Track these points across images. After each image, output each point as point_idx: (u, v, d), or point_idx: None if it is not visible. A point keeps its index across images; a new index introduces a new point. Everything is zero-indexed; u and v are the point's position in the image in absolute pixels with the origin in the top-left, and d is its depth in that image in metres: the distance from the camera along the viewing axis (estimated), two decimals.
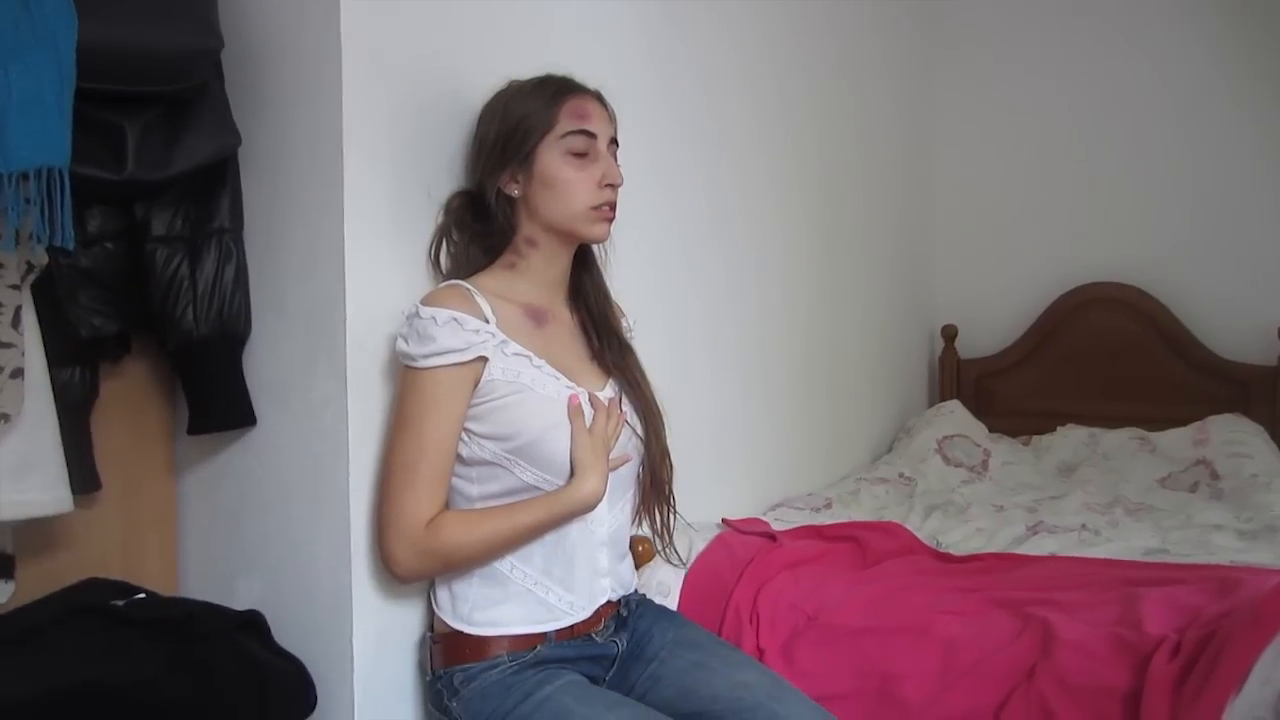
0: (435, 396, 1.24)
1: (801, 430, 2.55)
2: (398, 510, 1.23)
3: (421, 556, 1.24)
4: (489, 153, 1.34)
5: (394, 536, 1.24)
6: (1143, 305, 3.17)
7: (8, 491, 1.14)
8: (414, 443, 1.24)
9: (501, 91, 1.36)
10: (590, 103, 1.34)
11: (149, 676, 1.14)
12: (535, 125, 1.30)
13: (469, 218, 1.39)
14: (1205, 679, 1.20)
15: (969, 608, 1.53)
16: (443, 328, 1.23)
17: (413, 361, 1.24)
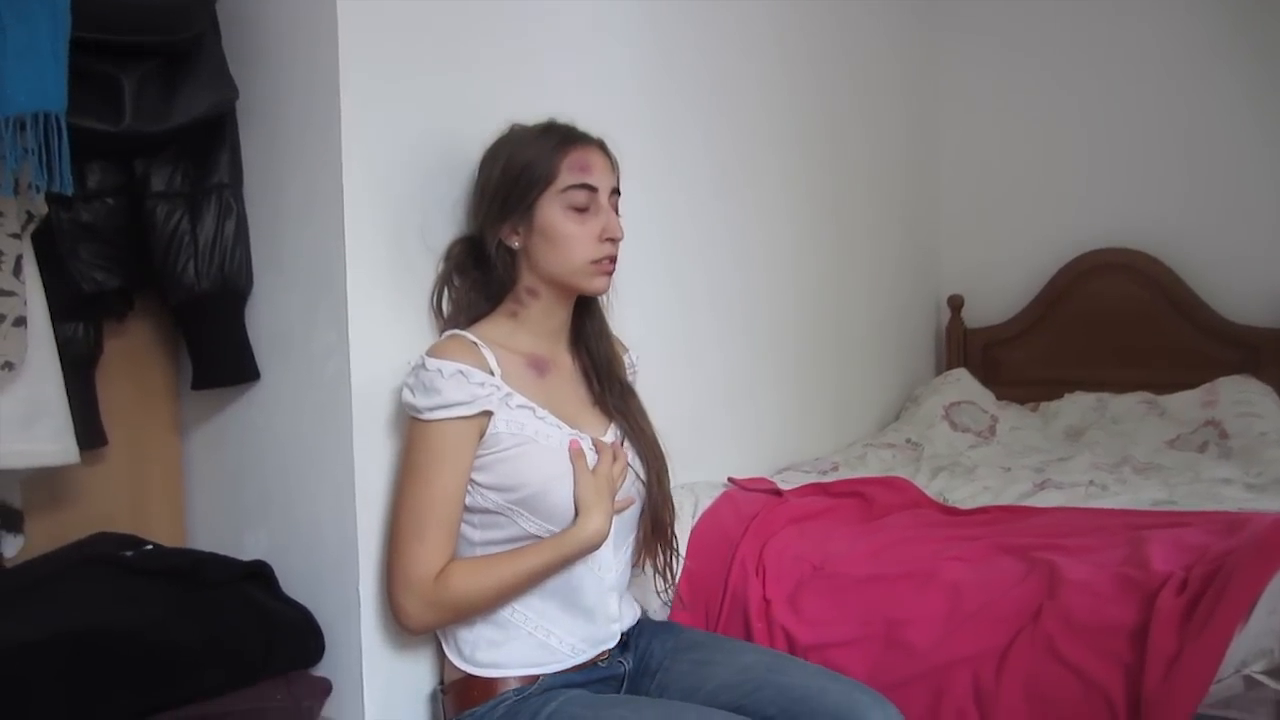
0: (442, 449, 1.23)
1: (807, 398, 2.55)
2: (407, 563, 1.23)
3: (432, 609, 1.23)
4: (490, 202, 1.33)
5: (404, 590, 1.23)
6: (1150, 270, 3.14)
7: (15, 441, 1.16)
8: (422, 495, 1.23)
9: (505, 137, 1.35)
10: (592, 154, 1.33)
11: (157, 622, 1.15)
12: (536, 178, 1.29)
13: (470, 264, 1.39)
14: (1212, 610, 1.19)
15: (974, 554, 1.53)
16: (449, 380, 1.22)
17: (419, 414, 1.24)
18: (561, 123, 1.35)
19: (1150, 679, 1.19)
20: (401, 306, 1.36)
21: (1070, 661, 1.27)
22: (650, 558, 1.42)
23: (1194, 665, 1.17)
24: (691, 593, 1.61)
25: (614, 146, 1.37)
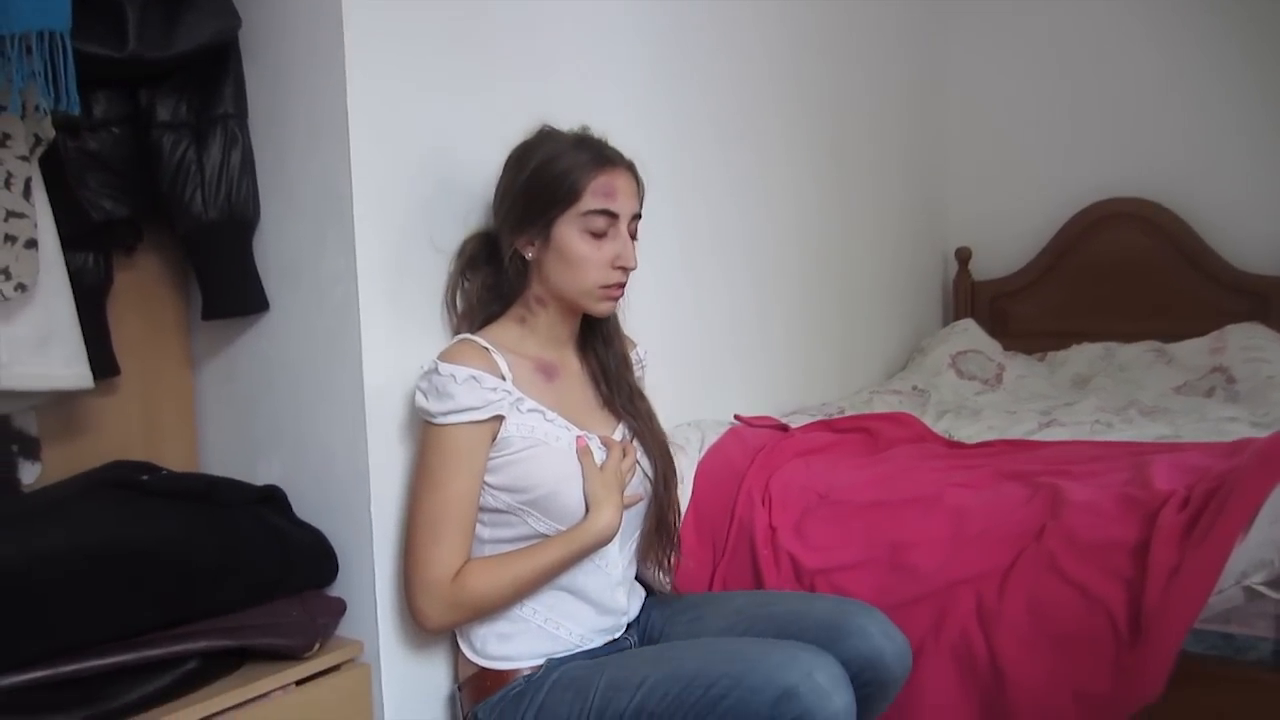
0: (456, 452, 1.25)
1: (813, 345, 2.56)
2: (424, 566, 1.24)
3: (451, 609, 1.25)
4: (510, 208, 1.34)
5: (421, 592, 1.24)
6: (1159, 220, 3.13)
7: (29, 364, 1.17)
8: (437, 499, 1.25)
9: (536, 142, 1.34)
10: (620, 178, 1.32)
11: (174, 538, 1.17)
12: (560, 196, 1.29)
13: (482, 260, 1.41)
14: (1213, 523, 1.20)
15: (978, 480, 1.54)
16: (462, 386, 1.24)
17: (432, 418, 1.25)
18: (595, 137, 1.35)
19: (1150, 591, 1.21)
20: (409, 230, 1.37)
21: (1072, 578, 1.29)
22: (652, 552, 1.43)
23: (1193, 576, 1.18)
24: (698, 523, 1.64)
25: (619, 102, 1.37)
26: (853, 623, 1.25)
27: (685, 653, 1.25)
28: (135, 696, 1.10)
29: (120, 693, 1.09)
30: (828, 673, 1.13)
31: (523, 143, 1.36)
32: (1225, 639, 1.26)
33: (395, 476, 1.35)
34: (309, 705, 1.23)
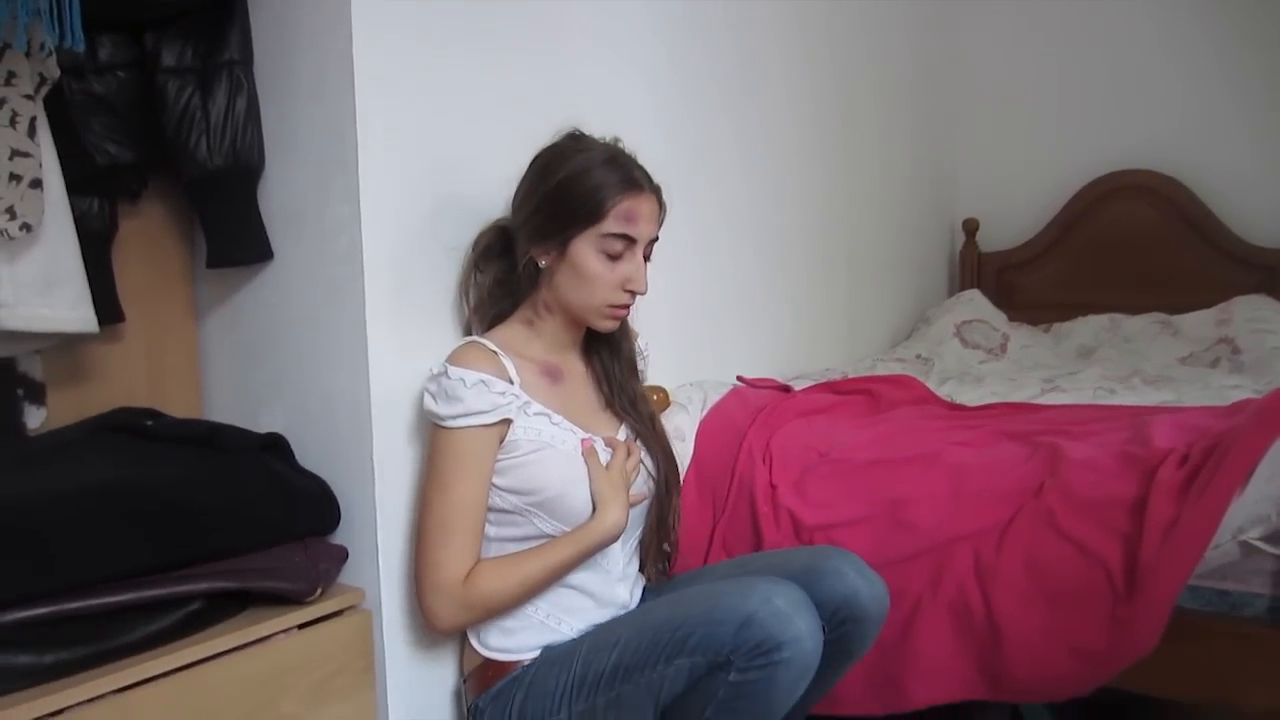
0: (465, 455, 1.25)
1: (818, 312, 2.56)
2: (435, 568, 1.24)
3: (463, 610, 1.25)
4: (531, 214, 1.33)
5: (434, 594, 1.24)
6: (1168, 192, 3.11)
7: (35, 305, 1.18)
8: (447, 501, 1.25)
9: (566, 151, 1.33)
10: (644, 204, 1.32)
11: (178, 481, 1.18)
12: (583, 215, 1.29)
13: (496, 253, 1.41)
14: (1211, 478, 1.20)
15: (979, 440, 1.54)
16: (471, 390, 1.24)
17: (441, 422, 1.25)
18: (625, 155, 1.34)
19: (1147, 546, 1.21)
20: (415, 179, 1.37)
21: (1070, 534, 1.29)
22: (651, 551, 1.44)
23: (1190, 530, 1.18)
24: (699, 481, 1.64)
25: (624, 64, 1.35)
26: (828, 565, 1.27)
27: (657, 606, 1.28)
28: (139, 635, 1.11)
29: (125, 631, 1.10)
30: (787, 597, 1.15)
31: (552, 147, 1.35)
32: (1221, 595, 1.26)
33: (398, 427, 1.35)
34: (310, 649, 1.24)
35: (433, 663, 1.41)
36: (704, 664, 1.16)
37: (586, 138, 1.36)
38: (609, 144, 1.35)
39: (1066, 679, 1.28)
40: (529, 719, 1.27)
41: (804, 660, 1.14)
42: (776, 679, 1.13)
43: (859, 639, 1.26)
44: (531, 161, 1.36)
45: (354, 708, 1.29)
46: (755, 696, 1.14)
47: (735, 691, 1.14)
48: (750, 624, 1.13)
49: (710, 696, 1.16)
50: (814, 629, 1.15)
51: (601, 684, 1.23)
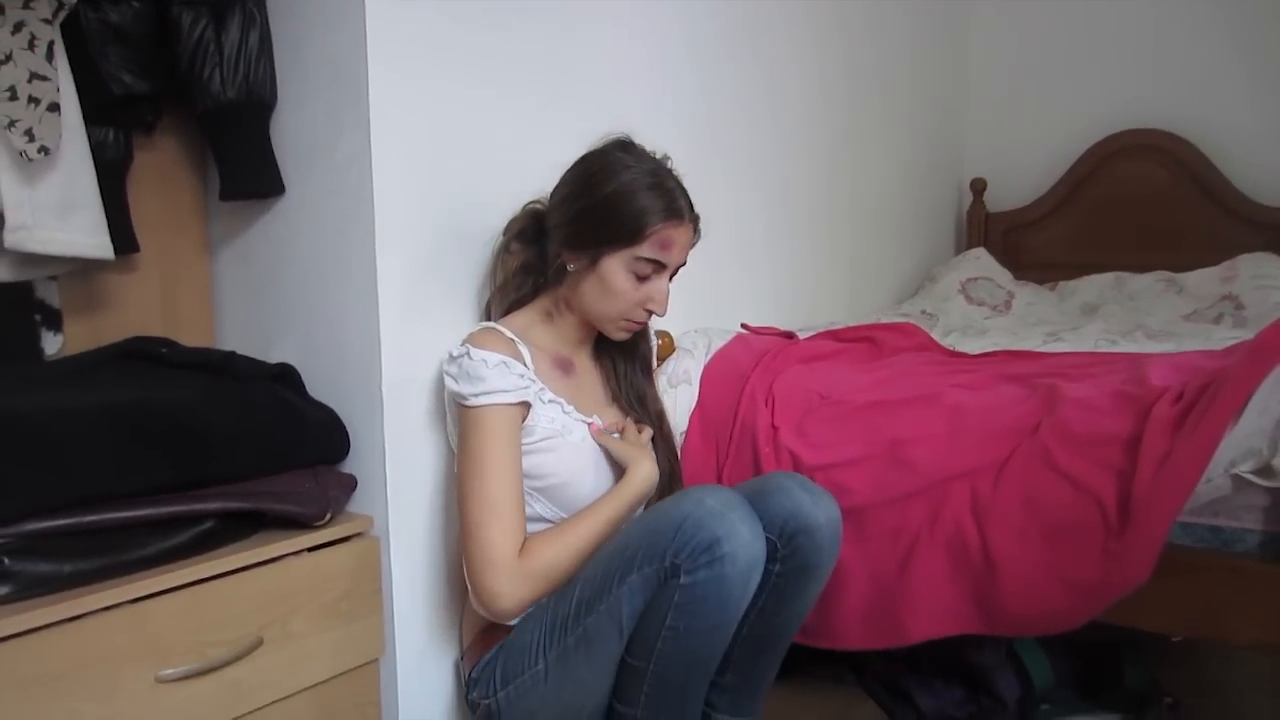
0: (496, 432, 1.27)
1: (821, 266, 2.56)
2: (488, 548, 1.24)
3: (524, 583, 1.25)
4: (568, 221, 1.35)
5: (492, 574, 1.23)
6: (1177, 152, 3.10)
7: (53, 229, 1.20)
8: (488, 478, 1.26)
9: (614, 165, 1.33)
10: (681, 234, 1.34)
11: (192, 404, 1.21)
12: (620, 235, 1.30)
13: (528, 237, 1.43)
14: (1204, 412, 1.21)
15: (978, 382, 1.56)
16: (493, 370, 1.27)
17: (466, 401, 1.27)
18: (672, 178, 1.34)
19: (1140, 479, 1.23)
20: (425, 112, 1.38)
21: (1065, 471, 1.31)
22: None
23: (1182, 463, 1.20)
24: (703, 423, 1.66)
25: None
26: (772, 483, 1.31)
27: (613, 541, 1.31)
28: (154, 550, 1.14)
29: (140, 545, 1.13)
30: (718, 497, 1.20)
31: (601, 155, 1.35)
32: (1213, 532, 1.28)
33: (407, 359, 1.37)
34: (319, 571, 1.28)
35: (439, 590, 1.45)
36: (653, 575, 1.20)
37: (636, 150, 1.36)
38: (658, 162, 1.35)
39: (1060, 612, 1.30)
40: (512, 678, 1.32)
41: (747, 553, 1.18)
42: (725, 575, 1.17)
43: (813, 552, 1.29)
44: (578, 163, 1.37)
45: (361, 630, 1.33)
46: (709, 597, 1.18)
47: (689, 595, 1.18)
48: (685, 525, 1.17)
49: (667, 605, 1.19)
50: (751, 523, 1.19)
51: (569, 624, 1.27)
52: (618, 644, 1.24)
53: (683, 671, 1.23)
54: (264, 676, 1.21)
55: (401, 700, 1.40)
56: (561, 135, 1.60)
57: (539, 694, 1.30)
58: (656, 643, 1.21)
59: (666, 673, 1.23)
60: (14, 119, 1.12)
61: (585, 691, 1.29)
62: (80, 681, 1.03)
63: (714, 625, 1.20)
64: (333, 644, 1.29)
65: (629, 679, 1.26)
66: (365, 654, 1.34)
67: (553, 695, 1.30)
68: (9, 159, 1.15)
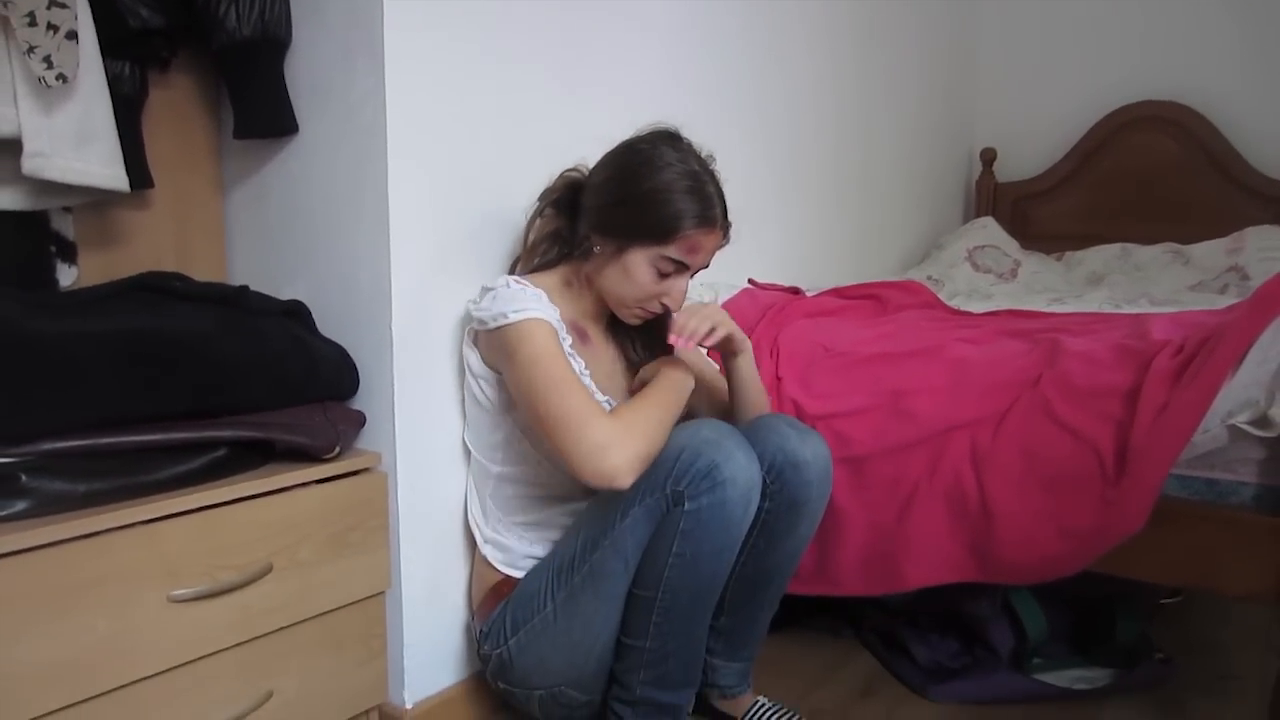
0: (544, 338, 1.27)
1: (828, 231, 2.57)
2: (587, 429, 1.19)
3: (633, 440, 1.20)
4: (601, 206, 1.35)
5: (601, 453, 1.18)
6: (1189, 124, 3.09)
7: (69, 158, 1.21)
8: (554, 376, 1.24)
9: (655, 161, 1.31)
10: (710, 240, 1.33)
11: (205, 333, 1.22)
12: (651, 232, 1.30)
13: (564, 205, 1.42)
14: (1203, 364, 1.23)
15: (981, 337, 1.57)
16: (531, 298, 1.30)
17: (508, 318, 1.28)
18: (710, 182, 1.32)
19: (1138, 428, 1.24)
20: (439, 49, 1.38)
21: (1064, 421, 1.33)
22: None
23: (1180, 413, 1.22)
24: None
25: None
26: (761, 422, 1.35)
27: None
28: (167, 475, 1.17)
29: (154, 469, 1.15)
30: (712, 427, 1.24)
31: (646, 148, 1.33)
32: (1209, 484, 1.30)
33: (417, 298, 1.39)
34: (328, 503, 1.30)
35: (445, 527, 1.47)
36: (655, 505, 1.23)
37: (682, 146, 1.34)
38: (701, 163, 1.34)
39: (1055, 559, 1.32)
40: (521, 625, 1.35)
41: (745, 476, 1.21)
42: (727, 498, 1.20)
43: (801, 487, 1.32)
44: (622, 150, 1.36)
45: (369, 563, 1.36)
46: (713, 522, 1.21)
47: (694, 521, 1.21)
48: (684, 454, 1.21)
49: (673, 533, 1.22)
50: (745, 449, 1.23)
51: (575, 565, 1.31)
52: (624, 578, 1.27)
53: (690, 598, 1.26)
54: (273, 602, 1.24)
55: (407, 633, 1.43)
56: (581, 82, 1.61)
57: (549, 637, 1.33)
58: (664, 571, 1.24)
59: (674, 601, 1.25)
60: (33, 45, 1.13)
61: (594, 629, 1.31)
62: (95, 597, 1.06)
63: (719, 549, 1.23)
64: (340, 575, 1.32)
65: (637, 611, 1.29)
66: (372, 586, 1.37)
67: (562, 636, 1.33)
68: (28, 86, 1.16)
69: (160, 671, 1.13)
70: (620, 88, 1.74)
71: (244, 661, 1.22)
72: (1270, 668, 1.28)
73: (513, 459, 1.40)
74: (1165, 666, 1.69)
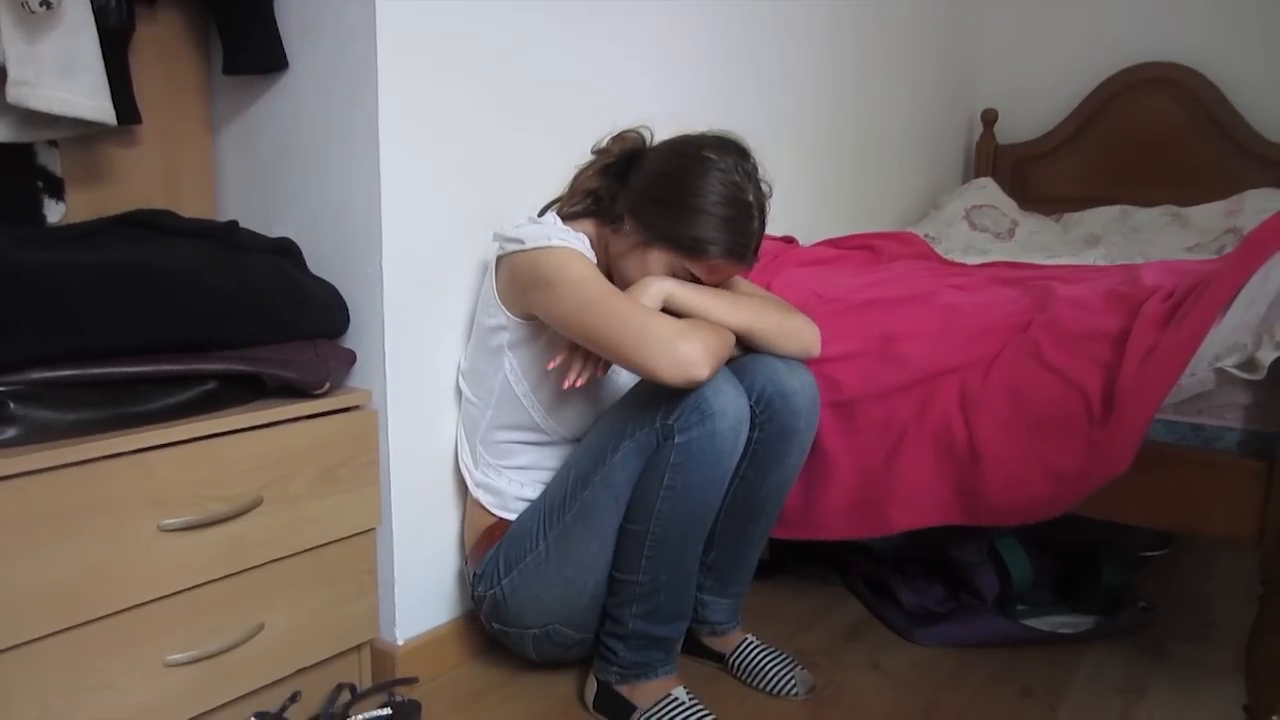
0: (581, 260, 1.27)
1: (825, 187, 2.56)
2: (659, 324, 1.19)
3: (705, 336, 1.21)
4: (642, 197, 1.33)
5: (678, 340, 1.18)
6: (1192, 86, 3.06)
7: (55, 88, 1.20)
8: (609, 288, 1.24)
9: (709, 172, 1.28)
10: (733, 269, 1.32)
11: (195, 268, 1.22)
12: (679, 243, 1.28)
13: (611, 173, 1.39)
14: (1192, 307, 1.23)
15: (973, 284, 1.57)
16: (575, 238, 1.30)
17: (549, 241, 1.27)
18: (752, 219, 1.29)
19: (1125, 371, 1.25)
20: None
21: (1053, 365, 1.33)
22: None
23: (1167, 355, 1.22)
24: None
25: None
26: (748, 358, 1.35)
27: (601, 418, 1.34)
28: (157, 406, 1.17)
29: (143, 400, 1.16)
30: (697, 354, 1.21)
31: (708, 154, 1.29)
32: (1194, 429, 1.31)
33: (408, 238, 1.39)
34: (318, 438, 1.30)
35: (435, 465, 1.48)
36: (646, 439, 1.24)
37: (744, 166, 1.30)
38: (757, 190, 1.31)
39: (1040, 500, 1.33)
40: (514, 564, 1.37)
41: (734, 408, 1.22)
42: (717, 430, 1.21)
43: (790, 416, 1.33)
44: (680, 146, 1.33)
45: (359, 499, 1.37)
46: (703, 453, 1.22)
47: (684, 453, 1.22)
48: (674, 390, 1.21)
49: (664, 466, 1.24)
50: (733, 382, 1.24)
51: (566, 502, 1.32)
52: (616, 513, 1.28)
53: (681, 531, 1.27)
54: (264, 535, 1.25)
55: (398, 570, 1.44)
56: (577, 14, 1.59)
57: (542, 575, 1.34)
58: (655, 505, 1.25)
59: (666, 533, 1.27)
60: None
61: (587, 566, 1.33)
62: (86, 523, 1.07)
63: (709, 480, 1.24)
64: (331, 510, 1.32)
65: (629, 546, 1.30)
66: (362, 523, 1.38)
67: (555, 574, 1.34)
68: (13, 15, 1.15)
69: (152, 600, 1.15)
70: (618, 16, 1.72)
71: (235, 593, 1.24)
72: (1250, 616, 1.29)
73: (508, 404, 1.41)
74: (1147, 614, 1.71)
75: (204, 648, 1.20)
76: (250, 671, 1.27)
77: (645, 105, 1.75)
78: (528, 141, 1.56)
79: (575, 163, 1.45)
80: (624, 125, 1.44)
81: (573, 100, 1.63)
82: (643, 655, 1.35)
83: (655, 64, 1.83)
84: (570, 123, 1.62)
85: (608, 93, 1.71)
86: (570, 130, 1.61)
